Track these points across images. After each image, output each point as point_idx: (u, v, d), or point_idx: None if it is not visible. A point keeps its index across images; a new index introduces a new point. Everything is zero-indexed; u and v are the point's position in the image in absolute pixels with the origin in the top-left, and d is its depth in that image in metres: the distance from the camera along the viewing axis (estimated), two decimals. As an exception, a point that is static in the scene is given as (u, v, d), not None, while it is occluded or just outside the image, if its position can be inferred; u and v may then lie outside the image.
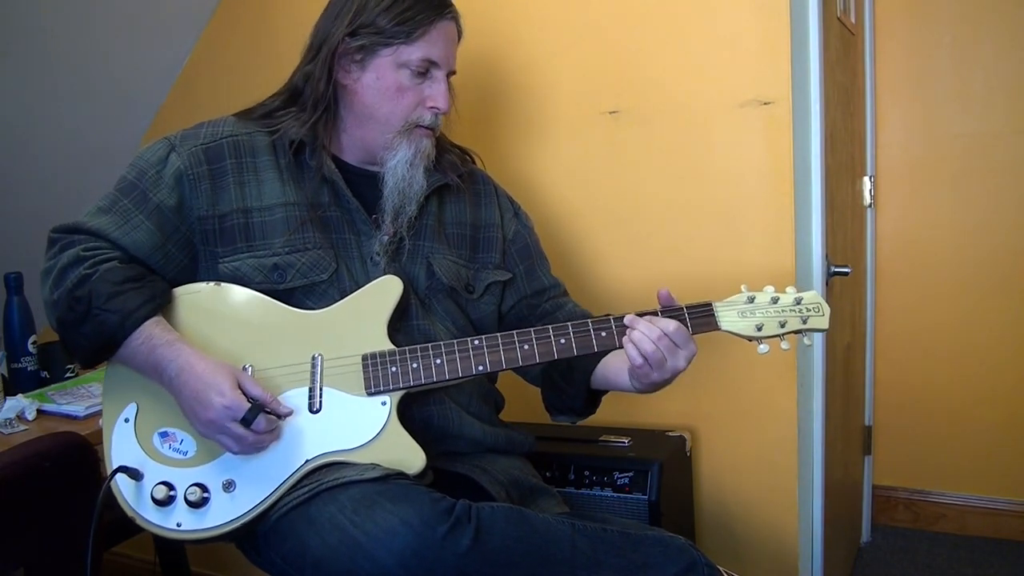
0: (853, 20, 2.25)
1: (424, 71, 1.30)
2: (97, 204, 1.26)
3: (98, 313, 1.15)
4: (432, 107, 1.31)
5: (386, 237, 1.32)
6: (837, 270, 1.83)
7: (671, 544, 1.15)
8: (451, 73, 1.35)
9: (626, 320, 1.23)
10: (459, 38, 1.37)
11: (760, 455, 1.72)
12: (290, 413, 1.19)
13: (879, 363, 2.59)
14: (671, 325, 1.21)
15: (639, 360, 1.20)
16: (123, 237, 1.23)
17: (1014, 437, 2.45)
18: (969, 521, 2.53)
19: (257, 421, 1.12)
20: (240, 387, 1.14)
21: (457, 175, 1.41)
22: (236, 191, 1.28)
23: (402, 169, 1.31)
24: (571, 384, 1.38)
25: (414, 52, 1.28)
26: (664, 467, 1.56)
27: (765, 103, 1.62)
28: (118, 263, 1.21)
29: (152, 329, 1.17)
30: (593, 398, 1.40)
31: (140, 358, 1.17)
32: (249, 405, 1.12)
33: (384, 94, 1.30)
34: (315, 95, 1.31)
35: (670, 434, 1.72)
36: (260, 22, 2.12)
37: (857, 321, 2.40)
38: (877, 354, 2.58)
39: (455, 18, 1.34)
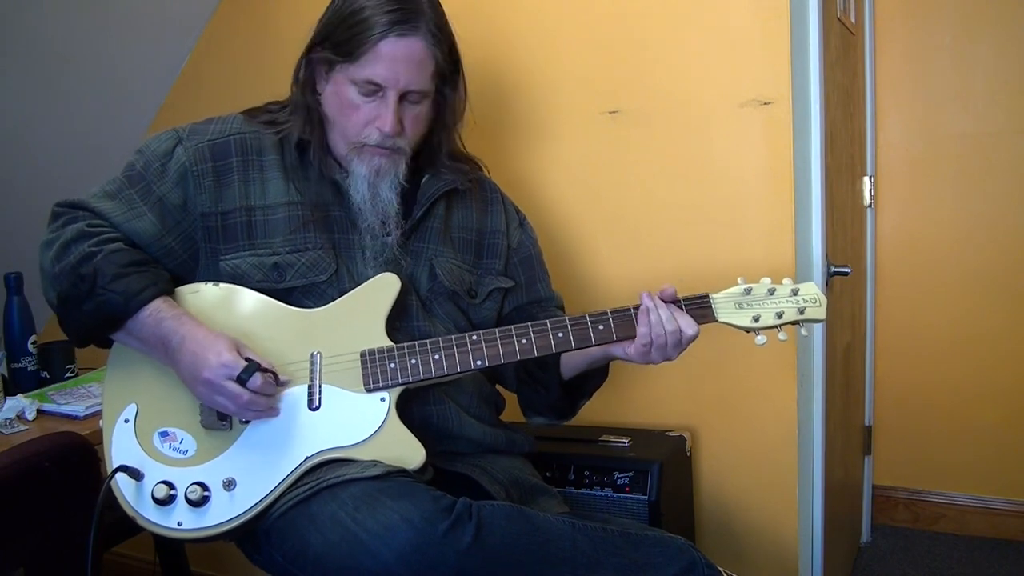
0: (853, 20, 2.25)
1: (372, 91, 1.26)
2: (104, 187, 1.27)
3: (101, 293, 1.17)
4: (378, 127, 1.27)
5: (390, 238, 1.32)
6: (837, 270, 1.83)
7: (671, 544, 1.15)
8: (409, 94, 1.26)
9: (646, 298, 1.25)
10: (430, 55, 1.26)
11: (760, 455, 1.72)
12: (288, 381, 1.20)
13: (879, 363, 2.59)
14: (691, 329, 1.24)
15: (645, 332, 1.23)
16: (125, 224, 1.24)
17: (1014, 437, 2.45)
18: (969, 521, 2.53)
19: (252, 379, 1.13)
20: (238, 352, 1.16)
21: (467, 180, 1.41)
22: (240, 188, 1.28)
23: (362, 186, 1.29)
24: (546, 370, 1.37)
25: (358, 72, 1.24)
26: (664, 467, 1.56)
27: (765, 103, 1.63)
28: (123, 244, 1.22)
29: (160, 304, 1.19)
30: (569, 394, 1.40)
31: (147, 330, 1.18)
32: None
33: (340, 108, 1.28)
34: (305, 104, 1.31)
35: (670, 434, 1.72)
36: (260, 22, 2.12)
37: (857, 321, 2.40)
38: (877, 354, 2.58)
39: (417, 34, 1.23)
